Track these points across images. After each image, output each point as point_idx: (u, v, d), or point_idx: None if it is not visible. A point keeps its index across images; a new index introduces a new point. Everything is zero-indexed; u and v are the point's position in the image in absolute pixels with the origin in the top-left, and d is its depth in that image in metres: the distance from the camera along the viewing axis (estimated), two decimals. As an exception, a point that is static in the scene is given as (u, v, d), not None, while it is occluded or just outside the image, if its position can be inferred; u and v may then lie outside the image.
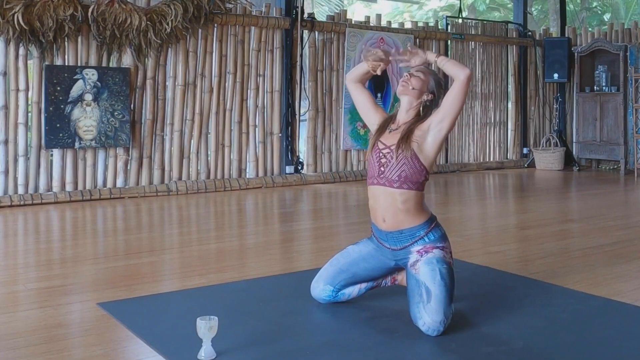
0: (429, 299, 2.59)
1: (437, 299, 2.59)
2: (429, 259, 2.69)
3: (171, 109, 6.71)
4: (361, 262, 2.88)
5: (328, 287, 2.91)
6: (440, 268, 2.67)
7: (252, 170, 7.22)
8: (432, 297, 2.59)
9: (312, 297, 2.96)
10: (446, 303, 2.60)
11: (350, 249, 2.96)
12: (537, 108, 9.58)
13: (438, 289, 2.61)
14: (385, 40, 7.94)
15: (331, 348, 2.49)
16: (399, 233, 2.76)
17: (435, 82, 2.87)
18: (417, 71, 2.86)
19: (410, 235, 2.75)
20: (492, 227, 5.14)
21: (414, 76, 2.85)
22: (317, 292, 2.94)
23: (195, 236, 4.75)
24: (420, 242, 2.74)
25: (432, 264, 2.68)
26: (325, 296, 2.92)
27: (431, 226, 2.77)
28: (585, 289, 3.23)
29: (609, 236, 4.57)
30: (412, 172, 2.73)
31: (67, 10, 5.85)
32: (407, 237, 2.75)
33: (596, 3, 17.26)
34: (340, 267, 2.90)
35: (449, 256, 2.75)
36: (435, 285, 2.62)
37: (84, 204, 5.97)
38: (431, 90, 2.84)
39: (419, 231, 2.75)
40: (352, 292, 2.92)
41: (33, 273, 3.65)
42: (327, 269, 2.95)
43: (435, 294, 2.60)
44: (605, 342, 2.55)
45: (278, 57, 7.32)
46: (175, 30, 6.47)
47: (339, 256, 2.96)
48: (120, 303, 3.02)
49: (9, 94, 5.91)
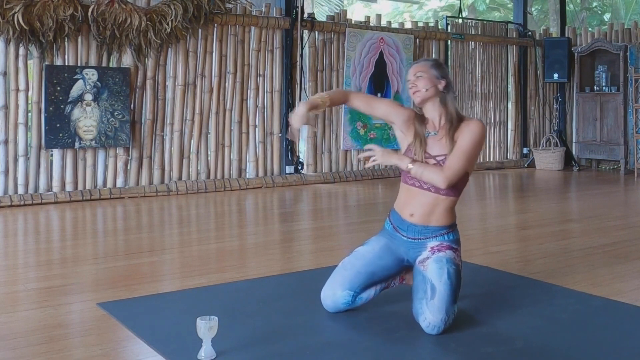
0: (432, 296, 2.59)
1: (440, 297, 2.59)
2: (439, 258, 2.70)
3: (171, 109, 6.72)
4: (377, 261, 2.81)
5: (348, 292, 2.78)
6: (449, 268, 2.67)
7: (252, 170, 7.22)
8: (437, 295, 2.59)
9: (325, 307, 2.83)
10: (449, 302, 2.60)
11: (363, 250, 2.86)
12: (537, 108, 9.58)
13: (443, 287, 2.61)
14: (385, 40, 7.94)
15: (331, 348, 2.49)
16: (423, 227, 2.77)
17: (437, 68, 2.82)
18: (415, 73, 2.82)
19: (433, 231, 2.77)
20: (492, 227, 5.14)
21: (417, 79, 2.81)
22: (333, 300, 2.80)
23: (195, 236, 4.74)
24: (438, 239, 2.76)
25: (441, 262, 2.69)
26: (344, 303, 2.79)
27: (453, 229, 2.82)
28: (585, 289, 3.23)
29: (609, 236, 4.57)
30: (459, 180, 2.74)
31: (67, 10, 5.85)
32: (430, 232, 2.77)
33: (596, 3, 17.26)
34: (358, 270, 2.79)
35: (459, 259, 2.77)
36: (441, 284, 2.62)
37: (84, 204, 5.97)
38: (440, 76, 2.81)
39: (442, 229, 2.78)
40: (369, 295, 2.83)
41: (33, 273, 3.65)
42: (342, 273, 2.82)
43: (440, 291, 2.60)
44: (605, 342, 2.55)
45: (278, 57, 7.32)
46: (175, 30, 6.48)
47: (352, 259, 2.84)
48: (120, 303, 3.02)
49: (9, 94, 5.91)
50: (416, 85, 2.79)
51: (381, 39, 7.92)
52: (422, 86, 2.78)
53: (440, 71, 2.82)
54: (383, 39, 7.93)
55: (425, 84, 2.78)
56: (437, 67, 2.83)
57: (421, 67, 2.83)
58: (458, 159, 2.70)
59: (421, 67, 2.84)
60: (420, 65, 2.86)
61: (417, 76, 2.80)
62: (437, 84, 2.79)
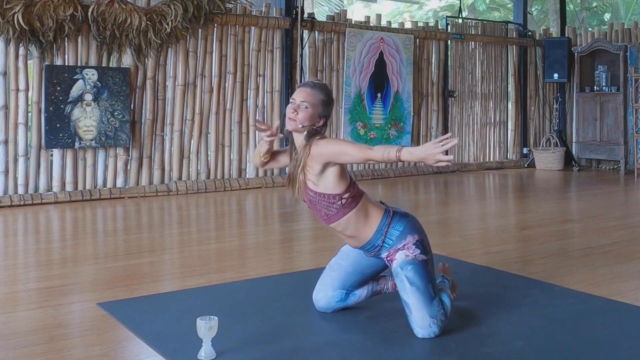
0: (410, 311, 2.57)
1: (416, 307, 2.56)
2: (395, 270, 2.63)
3: (171, 109, 6.72)
4: (363, 259, 2.80)
5: (339, 291, 2.79)
6: (406, 274, 2.58)
7: (252, 170, 7.22)
8: (411, 307, 2.57)
9: (318, 309, 2.83)
10: (426, 305, 2.55)
11: (346, 249, 2.85)
12: (537, 108, 9.58)
13: (412, 298, 2.56)
14: (385, 40, 7.94)
15: (331, 348, 2.49)
16: (362, 248, 2.72)
17: (325, 105, 2.62)
18: (302, 99, 2.58)
19: (371, 247, 2.68)
20: (492, 227, 5.14)
21: (300, 108, 2.58)
22: (326, 301, 2.81)
23: (195, 236, 4.75)
24: (382, 251, 2.66)
25: (398, 274, 2.61)
26: (337, 301, 2.80)
27: (386, 229, 2.63)
28: (585, 289, 3.23)
29: (609, 236, 4.57)
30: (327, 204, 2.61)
31: (67, 10, 5.85)
32: (371, 249, 2.70)
33: (596, 3, 17.26)
34: (345, 269, 2.79)
35: (412, 251, 2.60)
36: (408, 295, 2.57)
37: (84, 204, 5.97)
38: (322, 115, 2.62)
39: (376, 241, 2.64)
40: (362, 293, 2.83)
41: (33, 273, 3.65)
42: (331, 275, 2.82)
43: (412, 302, 2.56)
44: (605, 342, 2.55)
45: (278, 57, 7.32)
46: (175, 30, 6.48)
47: (338, 260, 2.84)
48: (120, 303, 3.02)
49: (9, 94, 5.91)
50: (296, 114, 2.57)
51: (381, 39, 7.92)
52: (301, 119, 2.57)
53: (326, 109, 2.62)
54: (383, 39, 7.93)
55: (305, 118, 2.57)
56: (325, 105, 2.62)
57: (311, 97, 2.59)
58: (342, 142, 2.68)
59: (311, 96, 2.60)
60: (311, 93, 2.61)
61: (302, 105, 2.58)
62: (315, 122, 2.60)
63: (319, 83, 2.68)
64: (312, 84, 2.64)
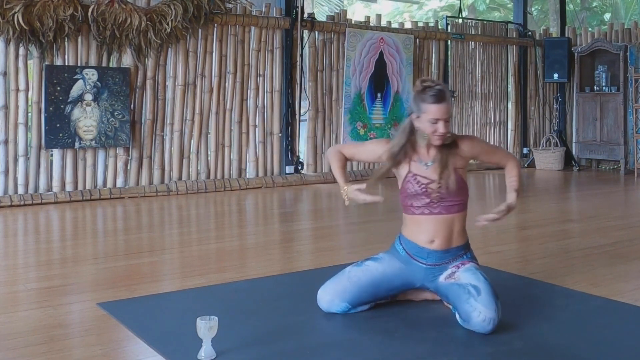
0: (479, 293, 2.61)
1: (486, 292, 2.61)
2: (468, 268, 2.76)
3: (171, 109, 6.71)
4: (384, 284, 2.78)
5: (346, 304, 2.77)
6: (481, 273, 2.73)
7: (252, 170, 7.22)
8: (482, 291, 2.62)
9: (320, 306, 2.82)
10: (495, 297, 2.62)
11: (372, 267, 2.80)
12: (537, 108, 9.58)
13: (484, 285, 2.64)
14: (385, 40, 7.94)
15: (331, 348, 2.49)
16: (445, 251, 2.79)
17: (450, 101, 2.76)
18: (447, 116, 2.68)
19: (454, 253, 2.81)
20: (492, 227, 5.12)
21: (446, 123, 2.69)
22: (329, 306, 2.80)
23: (195, 236, 4.75)
24: (459, 259, 2.80)
25: (472, 270, 2.74)
26: (339, 310, 2.79)
27: (469, 247, 2.89)
28: (585, 289, 3.23)
29: (609, 236, 4.57)
30: (464, 192, 2.87)
31: (67, 10, 5.85)
32: (451, 255, 2.80)
33: (596, 3, 17.26)
34: (361, 286, 2.76)
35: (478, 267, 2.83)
36: (481, 283, 2.65)
37: (84, 204, 5.97)
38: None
39: (462, 249, 2.83)
40: (364, 307, 2.82)
41: (33, 273, 3.65)
42: (344, 284, 2.78)
43: (483, 288, 2.63)
44: (605, 342, 2.55)
45: (278, 57, 7.32)
46: (175, 30, 6.48)
47: (359, 273, 2.79)
48: (120, 303, 3.02)
49: (9, 94, 5.91)
50: (444, 131, 2.69)
51: (381, 39, 7.92)
52: (448, 131, 2.72)
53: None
54: (383, 39, 7.93)
55: (449, 128, 2.73)
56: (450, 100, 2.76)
57: (449, 110, 2.70)
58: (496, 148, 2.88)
59: (449, 109, 2.70)
60: (449, 106, 2.70)
61: (447, 120, 2.69)
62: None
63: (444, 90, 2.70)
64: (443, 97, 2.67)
